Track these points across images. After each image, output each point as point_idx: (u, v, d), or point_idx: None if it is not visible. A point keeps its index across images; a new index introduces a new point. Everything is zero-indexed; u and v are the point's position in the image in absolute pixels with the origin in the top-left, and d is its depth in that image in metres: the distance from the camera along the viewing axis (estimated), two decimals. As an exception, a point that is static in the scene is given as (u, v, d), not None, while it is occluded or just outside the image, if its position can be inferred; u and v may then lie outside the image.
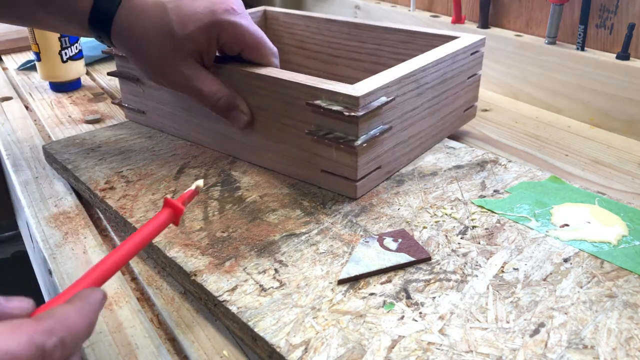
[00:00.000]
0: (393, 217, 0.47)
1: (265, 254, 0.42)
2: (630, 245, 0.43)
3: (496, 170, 0.54)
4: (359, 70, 0.71)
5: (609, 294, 0.38)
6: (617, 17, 0.67)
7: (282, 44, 0.78)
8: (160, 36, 0.48)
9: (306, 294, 0.38)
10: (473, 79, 0.63)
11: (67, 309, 0.25)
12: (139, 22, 0.48)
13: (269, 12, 0.77)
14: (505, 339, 0.34)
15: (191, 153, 0.59)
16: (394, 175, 0.54)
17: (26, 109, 0.79)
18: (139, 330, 0.39)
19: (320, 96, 0.47)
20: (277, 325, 0.35)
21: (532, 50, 0.75)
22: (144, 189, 0.52)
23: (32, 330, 0.23)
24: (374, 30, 0.67)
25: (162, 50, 0.48)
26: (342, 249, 0.43)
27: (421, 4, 0.95)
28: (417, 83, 0.53)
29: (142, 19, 0.48)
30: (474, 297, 0.37)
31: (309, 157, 0.51)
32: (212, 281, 0.39)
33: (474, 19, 0.87)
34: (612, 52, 0.69)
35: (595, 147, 0.64)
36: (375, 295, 0.38)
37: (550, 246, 0.43)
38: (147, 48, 0.49)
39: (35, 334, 0.22)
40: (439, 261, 0.41)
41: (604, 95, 0.68)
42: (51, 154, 0.59)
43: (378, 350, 0.33)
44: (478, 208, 0.48)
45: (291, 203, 0.49)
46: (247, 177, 0.54)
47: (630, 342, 0.34)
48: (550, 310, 0.36)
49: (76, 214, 0.53)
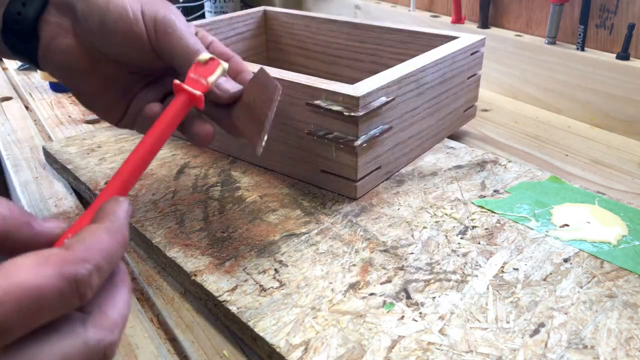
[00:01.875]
0: (393, 217, 0.47)
1: (265, 254, 0.42)
2: (630, 245, 0.43)
3: (496, 170, 0.54)
4: (359, 70, 0.71)
5: (609, 294, 0.38)
6: (617, 17, 0.67)
7: (282, 44, 0.78)
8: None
9: (306, 294, 0.38)
10: (473, 79, 0.63)
11: (96, 230, 0.24)
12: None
13: (269, 12, 0.77)
14: (505, 339, 0.34)
15: (191, 153, 0.59)
16: (394, 175, 0.54)
17: (26, 109, 0.79)
18: (139, 330, 0.39)
19: (320, 96, 0.47)
20: (277, 325, 0.35)
21: (532, 50, 0.75)
22: (144, 189, 0.52)
23: (61, 261, 0.21)
24: (374, 30, 0.67)
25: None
26: (342, 249, 0.43)
27: (421, 4, 0.95)
28: (417, 83, 0.53)
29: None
30: (474, 297, 0.37)
31: (309, 157, 0.51)
32: (212, 281, 0.39)
33: (474, 19, 0.87)
34: (612, 52, 0.69)
35: (595, 147, 0.64)
36: (375, 295, 0.38)
37: (550, 246, 0.43)
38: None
39: (65, 264, 0.21)
40: (439, 261, 0.41)
41: (604, 95, 0.68)
42: (51, 154, 0.59)
43: (378, 350, 0.33)
44: (478, 208, 0.48)
45: (291, 203, 0.49)
46: (247, 177, 0.54)
47: (630, 342, 0.34)
48: (550, 310, 0.36)
49: (76, 214, 0.53)
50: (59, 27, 0.39)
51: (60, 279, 0.20)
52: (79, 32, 0.39)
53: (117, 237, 0.24)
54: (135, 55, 0.39)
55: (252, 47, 0.77)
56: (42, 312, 0.20)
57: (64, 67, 0.40)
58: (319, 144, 0.49)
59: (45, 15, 0.39)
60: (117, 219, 0.25)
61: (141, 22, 0.38)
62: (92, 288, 0.22)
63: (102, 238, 0.23)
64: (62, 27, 0.39)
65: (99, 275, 0.22)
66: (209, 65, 0.36)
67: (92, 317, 0.23)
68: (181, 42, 0.38)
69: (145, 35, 0.38)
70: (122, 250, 0.24)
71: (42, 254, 0.21)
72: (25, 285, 0.20)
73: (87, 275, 0.21)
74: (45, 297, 0.20)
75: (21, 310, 0.19)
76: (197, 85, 0.35)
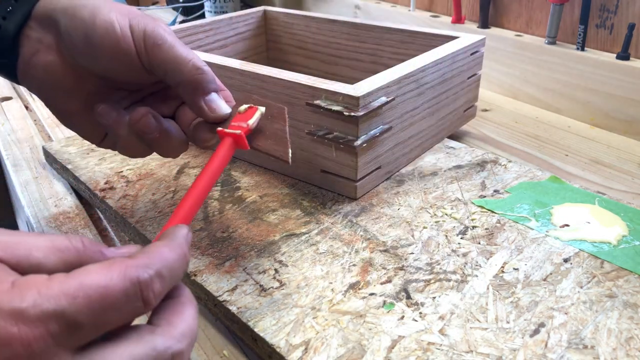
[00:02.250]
0: (393, 217, 0.47)
1: (265, 254, 0.42)
2: (630, 245, 0.43)
3: (496, 170, 0.54)
4: (359, 70, 0.71)
5: (609, 294, 0.38)
6: (617, 17, 0.67)
7: (282, 44, 0.78)
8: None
9: (306, 294, 0.38)
10: (473, 79, 0.63)
11: (157, 245, 0.25)
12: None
13: (268, 12, 0.77)
14: (505, 339, 0.34)
15: (191, 153, 0.59)
16: (394, 175, 0.54)
17: (26, 109, 0.79)
18: (139, 330, 0.39)
19: (320, 96, 0.47)
20: (277, 325, 0.35)
21: (532, 50, 0.75)
22: (144, 189, 0.52)
23: (124, 265, 0.23)
24: (374, 30, 0.67)
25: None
26: (342, 249, 0.43)
27: (421, 4, 0.95)
28: (417, 83, 0.53)
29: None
30: (474, 297, 0.37)
31: (309, 157, 0.51)
32: (212, 281, 0.39)
33: (474, 19, 0.87)
34: (612, 52, 0.69)
35: (595, 147, 0.64)
36: (375, 295, 0.38)
37: (550, 246, 0.43)
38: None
39: (128, 268, 0.23)
40: (439, 261, 0.41)
41: (604, 95, 0.68)
42: (51, 154, 0.59)
43: (378, 350, 0.33)
44: (478, 208, 0.48)
45: (291, 203, 0.49)
46: (247, 177, 0.54)
47: (630, 342, 0.34)
48: (550, 310, 0.36)
49: (76, 214, 0.53)
50: (40, 42, 0.38)
51: (124, 280, 0.22)
52: (63, 48, 0.37)
53: (177, 251, 0.26)
54: (123, 71, 0.38)
55: (252, 47, 0.77)
56: (110, 312, 0.22)
57: (45, 85, 0.39)
58: (319, 144, 0.49)
59: (26, 30, 0.38)
60: (177, 237, 0.27)
61: (129, 37, 0.37)
62: (154, 293, 0.23)
63: (163, 250, 0.25)
64: (44, 42, 0.38)
65: (161, 283, 0.24)
66: (248, 112, 0.38)
67: (160, 328, 0.24)
68: (172, 52, 0.37)
69: (134, 50, 0.37)
70: (183, 264, 0.26)
71: (108, 261, 0.23)
72: (94, 285, 0.21)
73: (149, 279, 0.23)
74: (112, 295, 0.22)
75: (91, 306, 0.21)
76: (239, 128, 0.37)
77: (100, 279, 0.22)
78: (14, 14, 0.37)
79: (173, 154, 0.41)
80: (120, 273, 0.22)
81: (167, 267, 0.24)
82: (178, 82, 0.37)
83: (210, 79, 0.38)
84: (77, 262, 0.24)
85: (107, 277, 0.22)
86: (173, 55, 0.37)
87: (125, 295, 0.22)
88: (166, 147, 0.40)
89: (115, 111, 0.39)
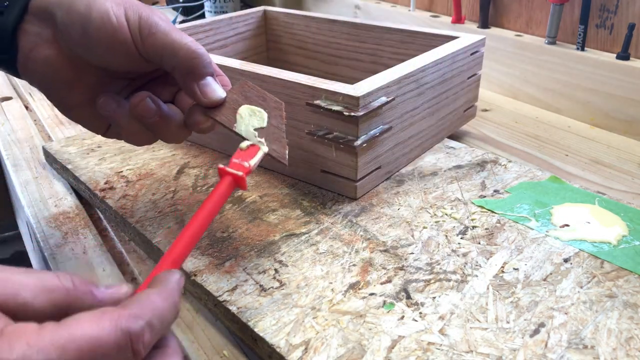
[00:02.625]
0: (393, 217, 0.47)
1: (265, 254, 0.42)
2: (630, 245, 0.43)
3: (496, 170, 0.54)
4: (359, 70, 0.71)
5: (609, 294, 0.38)
6: (617, 17, 0.67)
7: (282, 44, 0.78)
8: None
9: (306, 294, 0.38)
10: (473, 79, 0.63)
11: (149, 293, 0.25)
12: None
13: (268, 12, 0.77)
14: (505, 339, 0.34)
15: (191, 153, 0.59)
16: (394, 175, 0.54)
17: (26, 109, 0.79)
18: (139, 330, 0.39)
19: (320, 96, 0.47)
20: (277, 325, 0.35)
21: (532, 50, 0.75)
22: (144, 189, 0.52)
23: (116, 316, 0.23)
24: (374, 30, 0.67)
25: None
26: (342, 249, 0.43)
27: (421, 4, 0.95)
28: (417, 83, 0.52)
29: None
30: (474, 297, 0.37)
31: (309, 157, 0.51)
32: (212, 281, 0.39)
33: (474, 19, 0.87)
34: (612, 52, 0.69)
35: (595, 147, 0.64)
36: (375, 295, 0.38)
37: (550, 246, 0.43)
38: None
39: (119, 318, 0.23)
40: (439, 261, 0.41)
41: (604, 95, 0.68)
42: (51, 154, 0.59)
43: (378, 350, 0.33)
44: (478, 208, 0.48)
45: (291, 203, 0.49)
46: (247, 177, 0.54)
47: (630, 342, 0.34)
48: (550, 310, 0.36)
49: (76, 214, 0.53)
50: (38, 36, 0.38)
51: (116, 332, 0.22)
52: (60, 41, 0.38)
53: (169, 300, 0.26)
54: (121, 61, 0.38)
55: (252, 47, 0.77)
56: None
57: (45, 78, 0.39)
58: (319, 144, 0.49)
59: (24, 25, 0.38)
60: (169, 284, 0.27)
61: (125, 27, 0.37)
62: (144, 344, 0.23)
63: (154, 299, 0.25)
64: (42, 36, 0.38)
65: (151, 333, 0.24)
66: (250, 150, 0.38)
67: None
68: (167, 38, 0.37)
69: (130, 39, 0.37)
70: (174, 313, 0.26)
71: (99, 310, 0.23)
72: (85, 336, 0.21)
73: (140, 330, 0.23)
74: (103, 347, 0.22)
75: (82, 358, 0.21)
76: (240, 168, 0.37)
77: (92, 329, 0.22)
78: (11, 9, 0.38)
79: (175, 138, 0.41)
80: (111, 324, 0.22)
81: (157, 316, 0.24)
82: (173, 67, 0.38)
83: (206, 64, 0.38)
84: (66, 302, 0.24)
85: (98, 328, 0.22)
86: (168, 41, 0.37)
87: (117, 347, 0.22)
88: (167, 132, 0.40)
89: (115, 102, 0.39)
